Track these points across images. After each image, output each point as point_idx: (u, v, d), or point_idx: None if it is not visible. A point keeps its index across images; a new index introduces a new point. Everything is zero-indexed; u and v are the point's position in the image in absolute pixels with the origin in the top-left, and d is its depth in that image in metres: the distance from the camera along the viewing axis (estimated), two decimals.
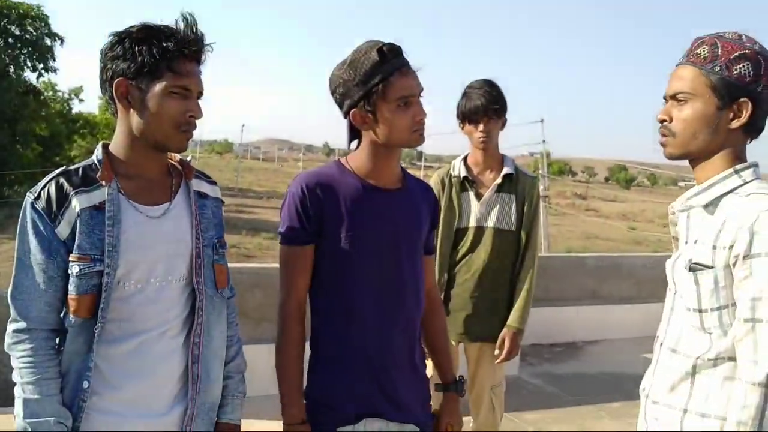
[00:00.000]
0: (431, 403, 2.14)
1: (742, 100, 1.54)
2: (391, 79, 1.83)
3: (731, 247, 1.48)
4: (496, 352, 3.09)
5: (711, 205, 1.58)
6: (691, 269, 1.56)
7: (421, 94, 1.91)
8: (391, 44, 1.86)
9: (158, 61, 1.60)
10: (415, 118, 1.88)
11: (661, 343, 1.68)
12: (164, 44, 1.60)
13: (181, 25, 1.65)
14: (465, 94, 3.06)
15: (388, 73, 1.83)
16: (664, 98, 1.66)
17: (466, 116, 3.04)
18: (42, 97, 41.78)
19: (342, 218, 1.90)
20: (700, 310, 1.55)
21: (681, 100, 1.61)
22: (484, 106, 2.99)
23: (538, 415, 4.93)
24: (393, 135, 1.88)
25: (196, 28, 1.66)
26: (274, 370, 1.98)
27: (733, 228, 1.48)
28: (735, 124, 1.56)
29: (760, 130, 1.61)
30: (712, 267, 1.51)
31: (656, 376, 1.68)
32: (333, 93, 1.95)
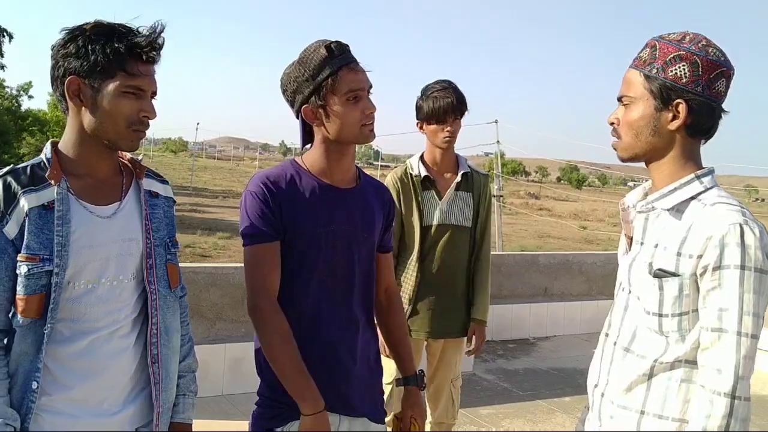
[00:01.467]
0: (386, 397, 2.17)
1: (677, 101, 1.55)
2: (339, 74, 1.88)
3: (700, 257, 1.49)
4: (468, 346, 3.24)
5: (674, 210, 1.59)
6: (655, 275, 1.56)
7: (371, 91, 1.95)
8: (338, 41, 1.91)
9: (111, 60, 1.59)
10: (365, 111, 1.91)
11: (615, 342, 1.70)
12: (117, 44, 1.59)
13: (144, 28, 1.64)
14: (429, 95, 3.10)
15: (336, 67, 1.88)
16: (618, 100, 1.69)
17: (432, 116, 3.07)
18: None
19: (297, 216, 1.92)
20: (660, 315, 1.56)
21: (626, 104, 1.64)
22: (453, 106, 3.05)
23: (492, 410, 5.03)
24: (344, 129, 1.91)
25: (157, 32, 1.64)
26: (229, 370, 1.97)
27: (701, 238, 1.49)
28: (674, 125, 1.57)
29: (708, 130, 1.61)
30: (678, 275, 1.52)
31: (611, 375, 1.69)
32: (284, 92, 1.99)
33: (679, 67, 1.55)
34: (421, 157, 3.22)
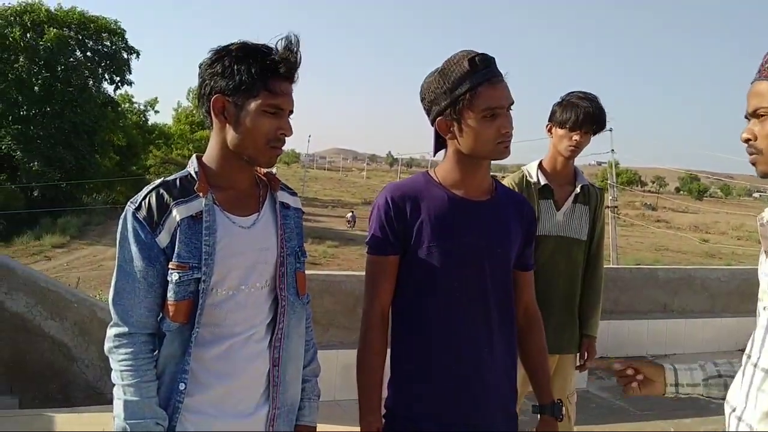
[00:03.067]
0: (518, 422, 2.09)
1: None
2: (479, 90, 1.82)
3: None
4: (580, 361, 3.19)
5: None
6: None
7: (511, 107, 1.89)
8: (483, 54, 1.85)
9: (255, 80, 1.66)
10: (501, 130, 1.85)
11: (755, 364, 1.59)
12: (262, 64, 1.66)
13: (281, 45, 1.69)
14: (569, 100, 3.04)
15: (476, 83, 1.82)
16: (746, 117, 1.59)
17: (565, 121, 3.01)
18: (119, 109, 43.50)
19: (426, 229, 1.90)
20: None
21: (762, 116, 1.53)
22: (591, 116, 2.98)
23: (607, 429, 4.86)
24: (476, 146, 1.88)
25: (296, 51, 1.70)
26: (340, 376, 2.01)
27: None
28: None
29: None
30: None
31: (749, 398, 1.58)
32: (422, 100, 1.96)
33: None
34: (540, 165, 3.15)
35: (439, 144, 2.00)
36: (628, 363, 1.85)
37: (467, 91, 1.83)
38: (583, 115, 2.97)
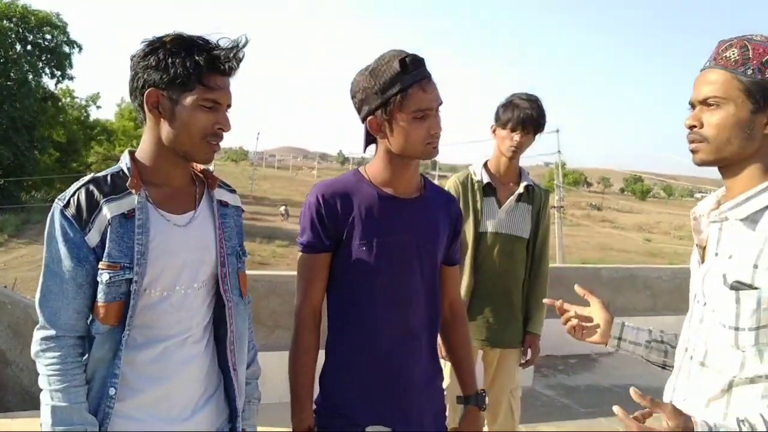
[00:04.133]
0: (447, 414, 2.13)
1: None
2: (409, 91, 1.83)
3: None
4: (523, 358, 3.24)
5: (748, 220, 1.50)
6: (732, 287, 1.49)
7: (440, 108, 1.91)
8: (414, 56, 1.86)
9: (190, 74, 1.60)
10: (430, 131, 1.87)
11: (691, 357, 1.62)
12: (197, 57, 1.60)
13: (223, 40, 1.64)
14: (511, 102, 3.10)
15: (407, 84, 1.83)
16: (691, 104, 1.59)
17: (508, 123, 3.07)
18: (60, 104, 42.16)
19: (357, 227, 1.91)
20: (737, 328, 1.48)
21: (711, 105, 1.54)
22: (531, 118, 3.04)
23: (552, 427, 4.91)
24: (406, 146, 1.89)
25: (240, 47, 1.65)
26: (287, 378, 1.98)
27: None
28: None
29: None
30: (756, 288, 1.44)
31: (689, 390, 1.61)
32: (353, 98, 1.96)
33: None
34: (485, 165, 3.21)
35: (369, 140, 2.01)
36: (575, 307, 1.99)
37: (398, 93, 1.84)
38: (523, 115, 3.03)
